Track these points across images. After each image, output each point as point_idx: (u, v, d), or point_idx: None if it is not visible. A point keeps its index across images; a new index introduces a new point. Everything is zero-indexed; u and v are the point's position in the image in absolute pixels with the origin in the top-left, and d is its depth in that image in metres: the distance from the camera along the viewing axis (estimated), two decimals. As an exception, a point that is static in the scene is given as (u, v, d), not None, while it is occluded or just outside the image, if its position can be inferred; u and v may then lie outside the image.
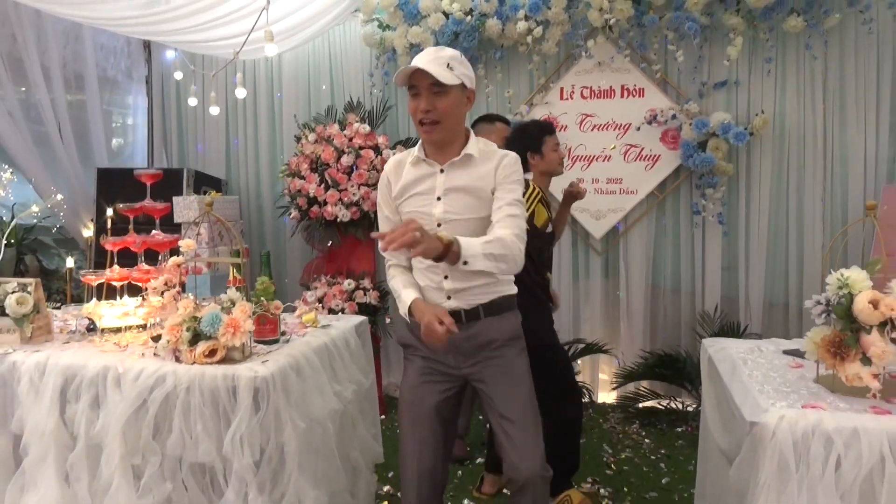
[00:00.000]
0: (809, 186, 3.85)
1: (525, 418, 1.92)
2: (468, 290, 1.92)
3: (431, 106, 1.85)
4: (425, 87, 1.84)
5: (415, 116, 1.90)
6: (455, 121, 1.90)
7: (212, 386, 1.86)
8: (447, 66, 1.83)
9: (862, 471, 1.42)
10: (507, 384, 1.94)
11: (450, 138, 1.92)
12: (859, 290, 1.58)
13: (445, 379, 1.99)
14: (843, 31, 3.72)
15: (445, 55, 1.86)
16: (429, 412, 1.97)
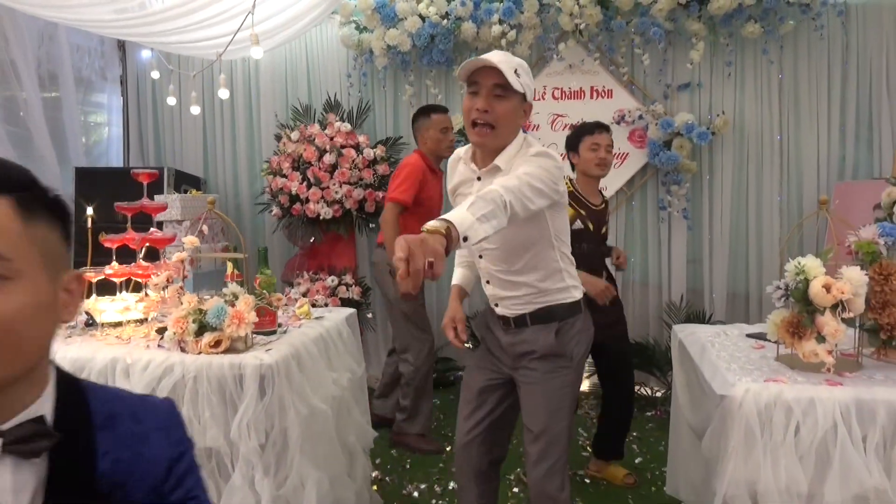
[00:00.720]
0: (767, 183, 4.09)
1: (544, 437, 1.90)
2: (509, 300, 1.93)
3: (489, 107, 1.76)
4: (487, 86, 1.76)
5: (468, 116, 1.80)
6: (509, 130, 1.81)
7: (219, 374, 1.96)
8: (514, 72, 1.75)
9: (818, 435, 1.61)
10: (535, 396, 1.93)
11: (499, 146, 1.83)
12: (814, 276, 1.76)
13: (495, 369, 2.04)
14: (797, 37, 3.96)
15: (514, 61, 1.77)
16: (473, 393, 2.05)
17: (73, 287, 0.83)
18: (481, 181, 1.87)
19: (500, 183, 1.58)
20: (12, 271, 0.73)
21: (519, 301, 1.92)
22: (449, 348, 4.06)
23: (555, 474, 1.91)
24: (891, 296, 1.81)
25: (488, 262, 1.94)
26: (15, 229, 0.74)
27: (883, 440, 1.60)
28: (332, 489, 2.21)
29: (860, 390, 1.64)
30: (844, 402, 1.62)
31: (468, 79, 1.80)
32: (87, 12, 3.21)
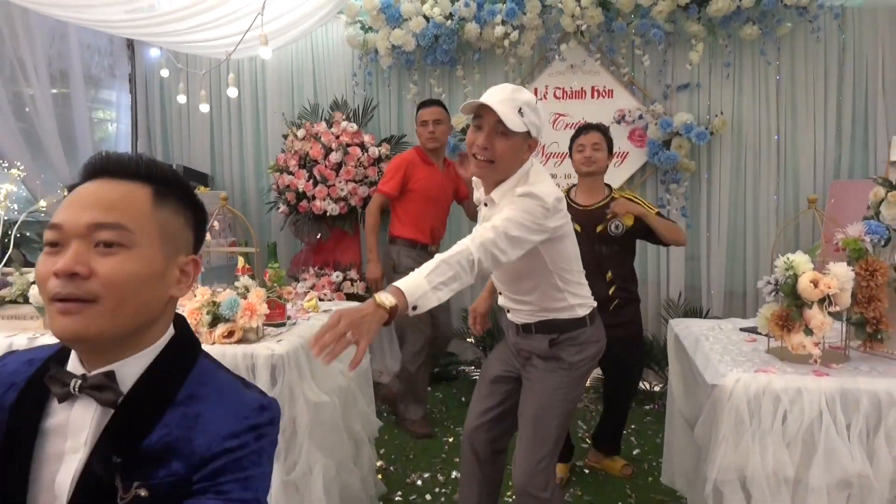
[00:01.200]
0: (764, 182, 4.16)
1: (530, 433, 1.98)
2: (516, 311, 2.05)
3: (490, 144, 1.80)
4: (490, 123, 1.79)
5: (470, 148, 1.85)
6: (509, 166, 1.84)
7: (232, 363, 2.04)
8: (518, 111, 1.77)
9: (804, 423, 1.69)
10: (529, 394, 2.02)
11: (500, 179, 1.87)
12: (802, 272, 1.84)
13: (509, 363, 2.14)
14: (794, 38, 4.03)
15: (521, 99, 1.79)
16: (487, 380, 2.16)
17: (189, 268, 0.99)
18: (487, 207, 1.94)
19: (475, 236, 1.64)
20: (132, 242, 0.90)
21: (525, 313, 2.03)
22: (452, 343, 4.14)
23: (538, 473, 1.95)
24: (876, 291, 1.88)
25: (496, 279, 2.06)
26: (145, 211, 0.92)
27: (866, 428, 1.68)
28: (339, 475, 2.30)
29: (845, 380, 1.72)
30: (830, 392, 1.70)
31: (474, 113, 1.83)
32: (100, 12, 3.29)
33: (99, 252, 0.88)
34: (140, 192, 0.93)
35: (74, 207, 0.90)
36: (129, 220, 0.90)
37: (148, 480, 0.88)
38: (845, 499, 1.68)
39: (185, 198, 1.00)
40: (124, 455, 0.89)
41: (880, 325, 1.91)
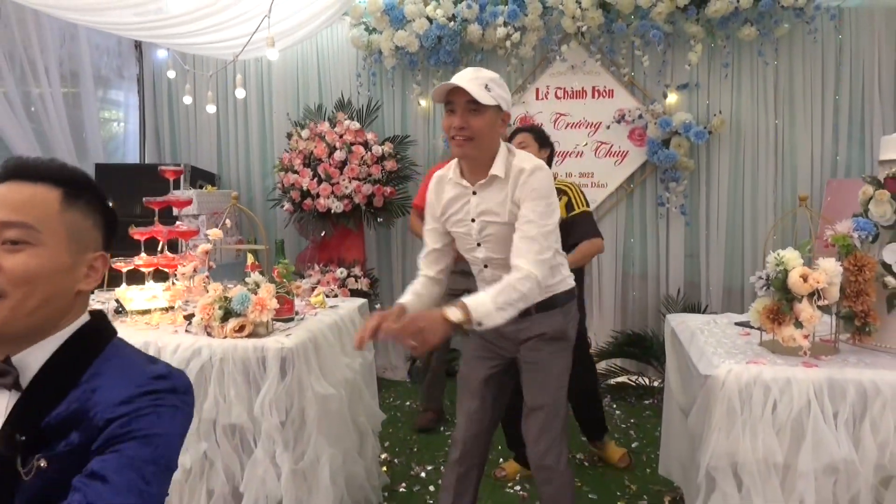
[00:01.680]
0: (762, 180, 4.23)
1: (546, 413, 2.06)
2: None
3: (466, 123, 1.86)
4: (461, 104, 1.86)
5: (448, 132, 1.91)
6: (488, 140, 1.90)
7: (243, 357, 2.12)
8: (485, 87, 1.84)
9: (793, 411, 1.76)
10: (540, 374, 2.07)
11: (482, 157, 1.92)
12: (793, 267, 1.91)
13: (495, 356, 2.15)
14: (791, 39, 4.09)
15: (485, 76, 1.87)
16: (479, 384, 2.15)
17: (97, 264, 1.07)
18: (477, 195, 1.97)
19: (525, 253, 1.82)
20: (38, 240, 0.98)
21: None
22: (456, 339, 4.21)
23: (554, 447, 2.06)
24: (864, 285, 1.95)
25: (494, 270, 2.02)
26: (52, 211, 1.01)
27: (852, 416, 1.75)
28: (345, 465, 2.38)
29: (832, 371, 1.79)
30: (818, 382, 1.77)
31: (444, 100, 1.89)
32: (112, 15, 3.37)
33: (6, 249, 0.96)
34: (49, 195, 1.01)
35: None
36: (36, 219, 0.98)
37: (48, 453, 0.95)
38: (832, 484, 1.75)
39: (96, 200, 1.08)
40: (27, 433, 0.96)
41: (868, 319, 1.97)
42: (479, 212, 1.97)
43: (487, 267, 2.06)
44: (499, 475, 3.12)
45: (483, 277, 2.08)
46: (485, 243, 2.00)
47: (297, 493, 2.15)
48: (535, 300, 1.83)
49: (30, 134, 4.06)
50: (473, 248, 2.03)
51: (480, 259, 2.05)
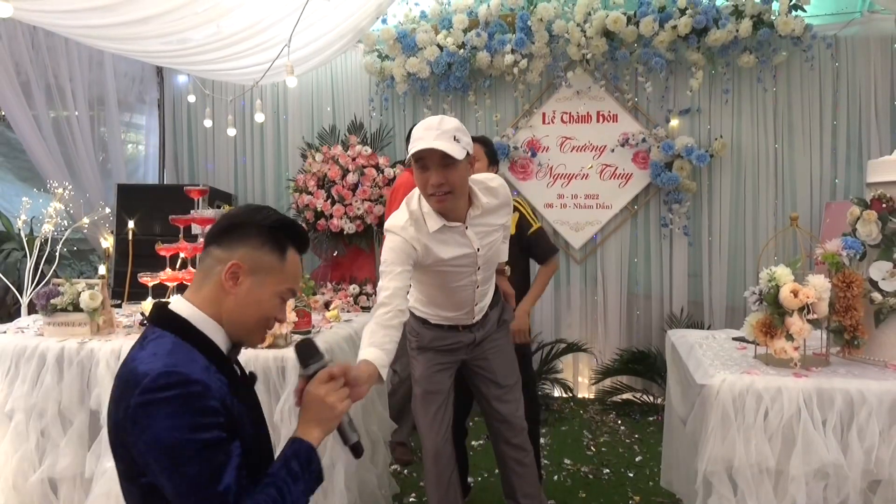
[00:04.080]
0: (763, 202, 4.34)
1: (515, 382, 2.42)
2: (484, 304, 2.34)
3: (444, 179, 1.91)
4: (435, 160, 1.89)
5: (424, 189, 1.96)
6: (463, 188, 2.00)
7: (264, 366, 2.24)
8: (454, 139, 1.88)
9: (784, 419, 1.86)
10: (504, 356, 2.41)
11: (461, 204, 2.05)
12: (784, 283, 2.02)
13: (452, 365, 2.40)
14: (789, 67, 4.24)
15: (451, 128, 1.90)
16: (445, 394, 2.37)
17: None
18: (470, 228, 2.10)
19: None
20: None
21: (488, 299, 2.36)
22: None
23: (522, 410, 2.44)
24: (853, 301, 2.06)
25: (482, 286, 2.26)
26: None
27: (840, 423, 1.85)
28: (358, 472, 2.48)
29: (821, 381, 1.89)
30: (807, 391, 1.87)
31: (415, 157, 1.93)
32: (138, 44, 3.56)
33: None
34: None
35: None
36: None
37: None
38: (822, 488, 1.84)
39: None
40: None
41: (857, 333, 2.07)
42: (479, 237, 2.13)
43: (479, 287, 2.27)
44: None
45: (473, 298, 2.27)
46: (483, 264, 2.20)
47: (314, 497, 2.23)
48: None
49: (57, 155, 4.25)
50: (471, 273, 2.17)
51: (476, 281, 2.22)
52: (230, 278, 1.24)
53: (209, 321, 1.25)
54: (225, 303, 1.26)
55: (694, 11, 4.02)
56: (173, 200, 3.55)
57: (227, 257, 1.25)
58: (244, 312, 1.27)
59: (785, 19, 3.94)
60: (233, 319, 1.27)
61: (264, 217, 1.29)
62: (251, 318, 1.28)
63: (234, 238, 1.26)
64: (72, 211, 3.98)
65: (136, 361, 1.16)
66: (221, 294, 1.25)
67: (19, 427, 2.40)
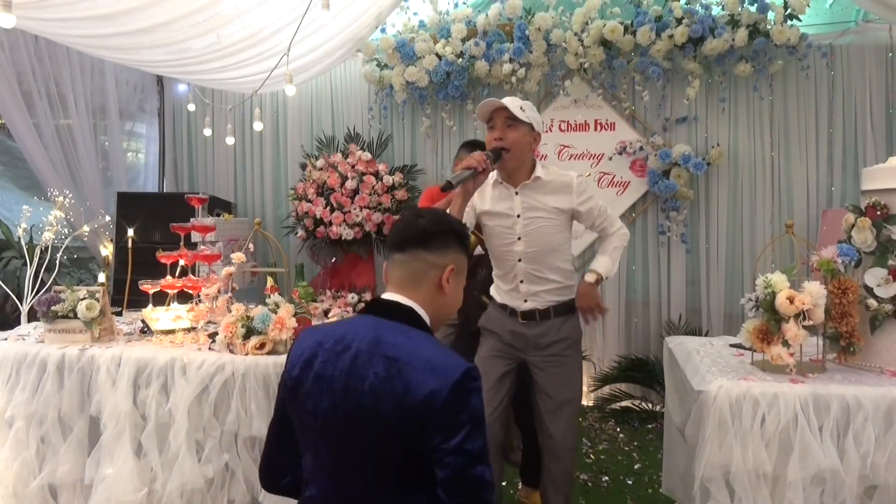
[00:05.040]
0: (760, 210, 4.37)
1: (570, 402, 2.42)
2: (541, 293, 2.38)
3: (503, 135, 2.25)
4: (501, 120, 2.26)
5: (489, 144, 2.29)
6: (521, 152, 2.29)
7: (264, 372, 2.26)
8: (520, 108, 2.26)
9: (780, 424, 1.88)
10: (567, 371, 2.42)
11: (517, 166, 2.31)
12: (780, 289, 2.04)
13: (511, 357, 2.45)
14: (785, 75, 4.28)
15: (520, 101, 2.29)
16: (495, 380, 2.41)
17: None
18: (520, 195, 2.35)
19: (617, 230, 2.50)
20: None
21: (547, 294, 2.38)
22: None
23: (575, 433, 2.46)
24: (848, 307, 2.08)
25: (525, 264, 2.36)
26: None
27: (836, 428, 1.86)
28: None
29: (817, 387, 1.91)
30: (803, 397, 1.89)
31: (487, 118, 2.29)
32: (140, 53, 3.58)
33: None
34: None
35: None
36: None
37: None
38: (819, 493, 1.86)
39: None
40: None
41: (853, 339, 2.09)
42: (525, 208, 2.32)
43: (521, 261, 2.36)
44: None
45: (515, 272, 2.38)
46: (525, 237, 2.33)
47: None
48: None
49: (58, 163, 4.27)
50: (513, 241, 2.35)
51: (517, 253, 2.35)
52: (447, 280, 1.43)
53: (427, 317, 1.41)
54: (437, 300, 1.43)
55: (690, 21, 4.05)
56: (173, 208, 3.57)
57: (443, 262, 1.43)
58: (450, 306, 1.48)
59: (780, 29, 3.98)
60: (441, 314, 1.46)
61: (456, 224, 1.51)
62: (452, 311, 1.50)
63: (443, 244, 1.44)
64: (72, 219, 3.99)
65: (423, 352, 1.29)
66: (436, 293, 1.43)
67: (19, 434, 2.41)
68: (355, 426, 1.27)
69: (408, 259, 1.43)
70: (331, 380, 1.30)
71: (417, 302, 1.40)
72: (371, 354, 1.29)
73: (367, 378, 1.27)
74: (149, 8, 3.01)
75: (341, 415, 1.28)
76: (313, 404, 1.32)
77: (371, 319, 1.38)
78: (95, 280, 3.49)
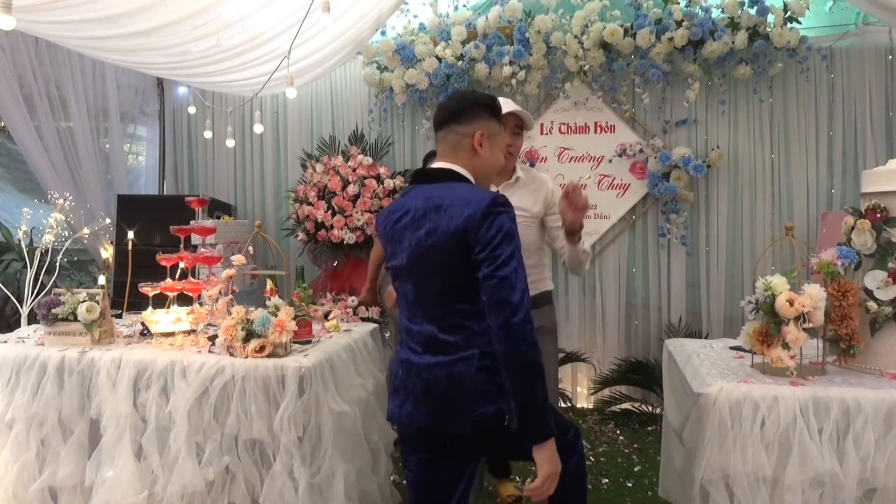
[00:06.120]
0: (760, 212, 4.37)
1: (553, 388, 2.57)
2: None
3: (514, 142, 2.50)
4: (511, 127, 2.45)
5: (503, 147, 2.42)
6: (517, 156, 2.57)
7: (264, 375, 2.26)
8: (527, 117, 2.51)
9: (780, 427, 1.87)
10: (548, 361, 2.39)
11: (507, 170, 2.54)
12: (780, 292, 2.04)
13: None
14: (785, 78, 4.28)
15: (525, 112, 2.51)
16: None
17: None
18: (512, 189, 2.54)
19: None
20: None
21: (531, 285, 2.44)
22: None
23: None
24: (848, 310, 2.08)
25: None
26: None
27: (836, 432, 1.86)
28: (359, 481, 2.49)
29: (817, 390, 1.91)
30: (803, 399, 1.89)
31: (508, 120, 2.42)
32: (140, 56, 3.59)
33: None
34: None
35: None
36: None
37: None
38: (818, 497, 1.86)
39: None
40: None
41: (853, 342, 2.09)
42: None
43: None
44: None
45: None
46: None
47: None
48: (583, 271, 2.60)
49: (58, 166, 4.28)
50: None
51: None
52: (479, 144, 1.78)
53: (470, 175, 1.79)
54: (475, 162, 1.80)
55: (690, 23, 4.06)
56: (173, 211, 3.57)
57: (472, 129, 1.79)
58: (489, 166, 1.84)
59: (780, 31, 3.99)
60: (481, 173, 1.82)
61: (481, 96, 1.84)
62: (492, 171, 1.87)
63: (471, 115, 1.79)
64: (72, 221, 4.00)
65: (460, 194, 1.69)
66: (473, 156, 1.80)
67: (20, 436, 2.42)
68: (423, 261, 1.71)
69: (445, 134, 1.82)
70: (401, 236, 1.76)
71: (459, 165, 1.79)
72: (424, 210, 1.71)
73: (425, 226, 1.70)
74: (149, 10, 3.01)
75: (413, 258, 1.73)
76: (392, 257, 1.81)
77: (421, 188, 1.78)
78: (95, 282, 3.50)
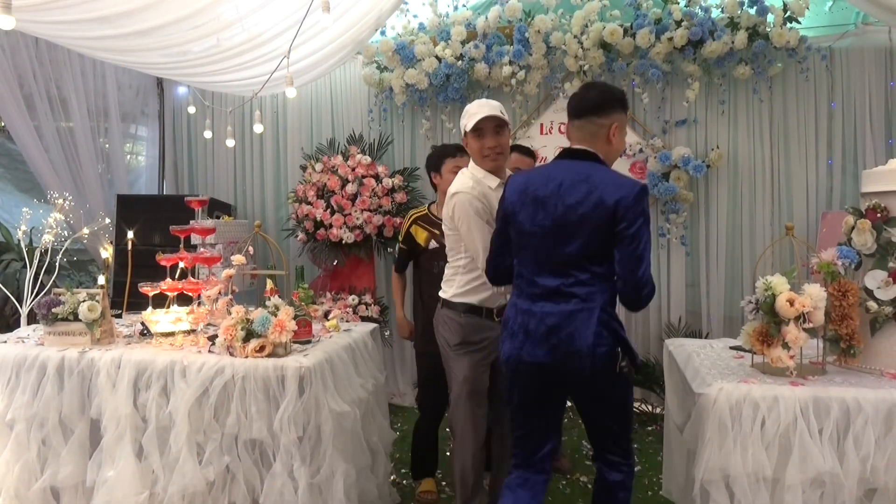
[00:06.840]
0: (760, 212, 4.37)
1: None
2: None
3: (497, 142, 2.43)
4: (490, 128, 2.41)
5: (480, 153, 2.45)
6: (508, 153, 2.57)
7: (264, 375, 2.26)
8: (501, 112, 2.44)
9: (781, 427, 1.88)
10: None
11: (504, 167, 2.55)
12: (780, 292, 2.04)
13: (490, 365, 2.55)
14: (784, 78, 4.28)
15: (497, 104, 2.46)
16: (486, 394, 2.53)
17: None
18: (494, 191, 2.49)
19: None
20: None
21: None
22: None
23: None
24: (848, 310, 2.08)
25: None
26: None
27: (836, 432, 1.87)
28: (358, 481, 2.49)
29: (817, 390, 1.92)
30: (804, 400, 1.89)
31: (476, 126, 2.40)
32: (140, 56, 3.59)
33: None
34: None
35: None
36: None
37: None
38: (819, 497, 1.86)
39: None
40: None
41: (853, 342, 2.10)
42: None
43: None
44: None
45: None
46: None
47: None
48: None
49: (58, 166, 4.28)
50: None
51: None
52: (613, 135, 2.06)
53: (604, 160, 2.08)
54: (607, 150, 2.08)
55: (690, 23, 4.06)
56: (172, 211, 3.56)
57: (609, 122, 2.05)
58: (616, 152, 2.13)
59: (780, 31, 3.99)
60: (609, 158, 2.10)
61: (618, 93, 2.13)
62: (617, 156, 2.16)
63: (610, 109, 2.05)
64: (72, 221, 3.99)
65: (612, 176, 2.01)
66: (607, 145, 2.07)
67: (20, 436, 2.42)
68: (567, 225, 1.97)
69: (584, 123, 2.06)
70: (545, 200, 2.01)
71: (599, 151, 2.05)
72: (573, 182, 1.98)
73: (574, 195, 1.96)
74: (148, 10, 3.01)
75: (559, 221, 1.98)
76: (530, 219, 2.04)
77: (567, 162, 2.07)
78: (95, 282, 3.50)
